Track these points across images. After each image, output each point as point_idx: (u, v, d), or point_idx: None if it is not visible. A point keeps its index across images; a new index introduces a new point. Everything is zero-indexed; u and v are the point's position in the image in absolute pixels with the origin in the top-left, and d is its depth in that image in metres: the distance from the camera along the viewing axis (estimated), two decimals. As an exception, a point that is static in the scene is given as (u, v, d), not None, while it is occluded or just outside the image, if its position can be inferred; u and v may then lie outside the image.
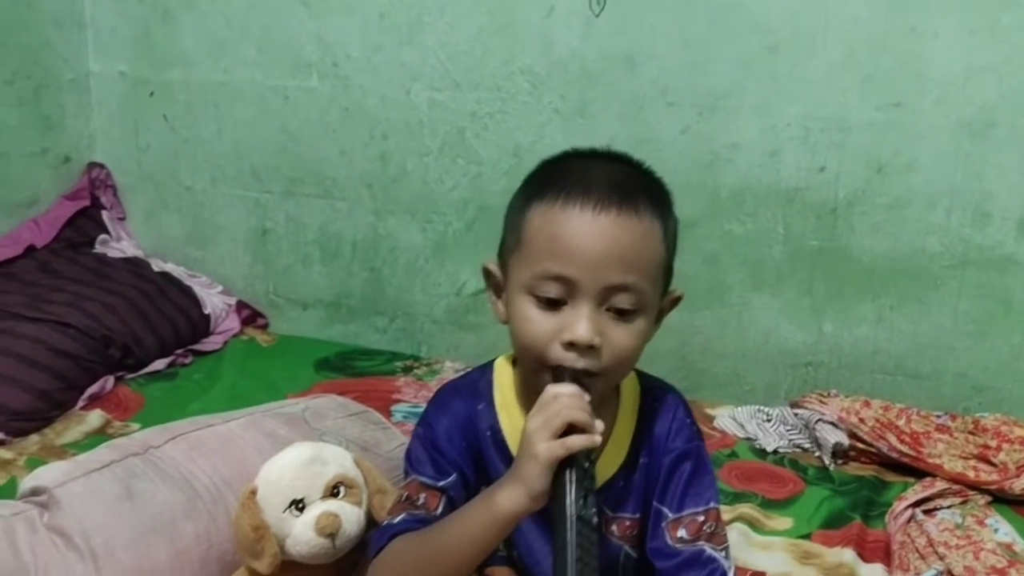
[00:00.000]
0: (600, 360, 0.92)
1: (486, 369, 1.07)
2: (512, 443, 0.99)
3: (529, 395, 0.95)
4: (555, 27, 1.96)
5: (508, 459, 0.97)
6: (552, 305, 0.92)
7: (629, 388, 1.06)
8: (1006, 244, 1.81)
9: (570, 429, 0.87)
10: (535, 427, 0.87)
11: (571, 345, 0.91)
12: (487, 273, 1.02)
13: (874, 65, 1.80)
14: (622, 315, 0.92)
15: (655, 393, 1.06)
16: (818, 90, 1.83)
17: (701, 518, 1.02)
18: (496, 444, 1.02)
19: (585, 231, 0.91)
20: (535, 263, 0.92)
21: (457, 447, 1.00)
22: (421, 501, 0.99)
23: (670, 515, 1.02)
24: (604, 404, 1.02)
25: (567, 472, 0.86)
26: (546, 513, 0.91)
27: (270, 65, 2.17)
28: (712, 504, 1.03)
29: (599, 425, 0.89)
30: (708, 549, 1.01)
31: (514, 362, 1.04)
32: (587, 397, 0.90)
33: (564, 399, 0.88)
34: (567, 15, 1.94)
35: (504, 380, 1.04)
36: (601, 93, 1.96)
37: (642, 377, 1.08)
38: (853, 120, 1.83)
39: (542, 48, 1.97)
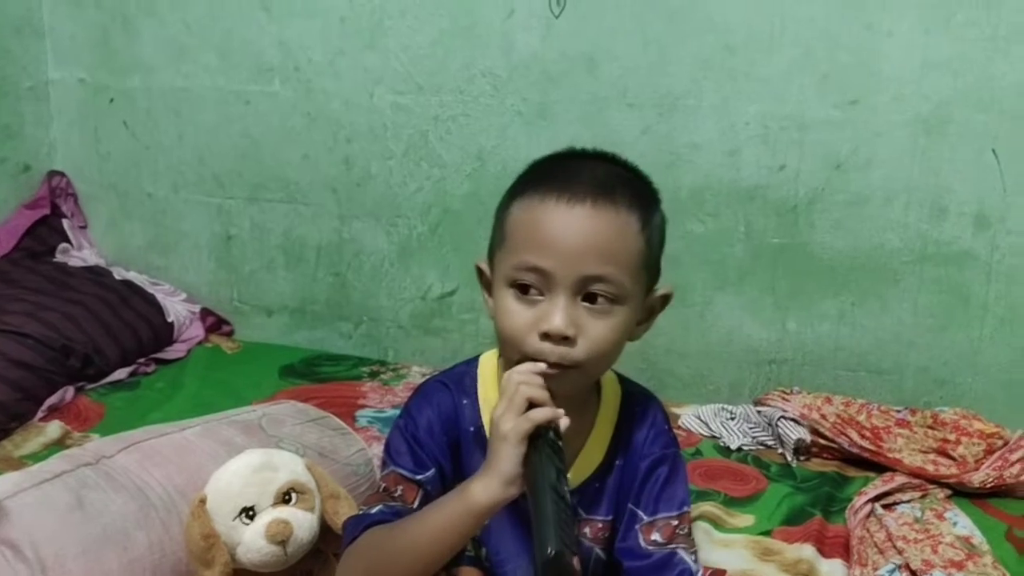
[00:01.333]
0: (576, 351, 0.92)
1: (471, 364, 1.07)
2: None
3: None
4: (516, 29, 1.96)
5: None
6: (530, 297, 0.93)
7: (610, 392, 1.07)
8: (963, 239, 1.82)
9: (532, 408, 0.89)
10: (500, 411, 0.89)
11: (546, 336, 0.92)
12: (479, 271, 1.03)
13: (831, 63, 1.81)
14: (598, 307, 0.93)
15: (635, 399, 1.08)
16: (776, 89, 1.85)
17: (675, 522, 1.04)
18: (477, 440, 1.02)
19: (561, 223, 0.92)
20: (515, 255, 0.94)
21: (438, 441, 1.01)
22: (398, 493, 0.99)
23: (645, 518, 1.04)
24: (584, 407, 1.03)
25: (539, 445, 0.87)
26: (517, 511, 0.92)
27: (231, 70, 2.16)
28: (685, 508, 1.05)
29: (559, 412, 0.90)
30: (680, 552, 1.02)
31: (500, 358, 1.04)
32: (541, 366, 0.91)
33: (520, 377, 0.90)
34: (527, 17, 1.94)
35: (488, 375, 1.05)
36: (562, 95, 1.96)
37: (623, 382, 1.09)
38: (811, 118, 1.84)
39: (503, 50, 1.98)
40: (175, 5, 2.16)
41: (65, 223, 2.30)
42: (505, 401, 0.89)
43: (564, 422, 0.90)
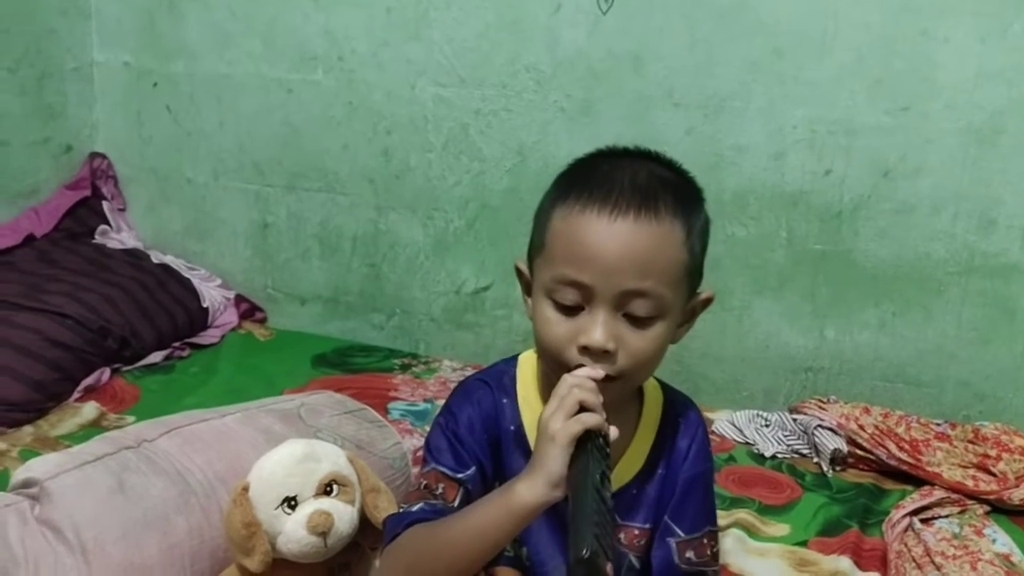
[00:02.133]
0: (616, 364, 0.92)
1: (511, 363, 1.07)
2: (533, 439, 0.98)
3: (551, 391, 0.94)
4: (562, 25, 1.94)
5: (527, 455, 0.96)
6: (570, 309, 0.92)
7: (652, 398, 1.06)
8: (1011, 252, 1.79)
9: (583, 412, 0.88)
10: (550, 412, 0.88)
11: (586, 350, 0.91)
12: (518, 272, 1.03)
13: (883, 68, 1.78)
14: (639, 321, 0.92)
15: (678, 408, 1.07)
16: (825, 93, 1.82)
17: (706, 540, 1.04)
18: (517, 440, 1.02)
19: (601, 237, 0.90)
20: (554, 267, 0.93)
21: (479, 439, 1.01)
22: (439, 491, 0.99)
23: (682, 535, 1.04)
24: (626, 411, 1.02)
25: (586, 447, 0.87)
26: (558, 513, 0.91)
27: (275, 58, 2.16)
28: (715, 527, 1.06)
29: (611, 427, 0.89)
30: (709, 572, 1.03)
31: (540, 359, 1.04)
32: (600, 373, 0.90)
33: (575, 380, 0.89)
34: (574, 13, 1.93)
35: (527, 375, 1.05)
36: (607, 92, 1.94)
37: (666, 389, 1.08)
38: (860, 123, 1.82)
39: (548, 46, 1.96)
40: (221, -9, 2.16)
41: (105, 205, 2.32)
42: (556, 402, 0.89)
43: (614, 432, 0.89)
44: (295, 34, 2.13)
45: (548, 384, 0.98)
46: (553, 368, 0.96)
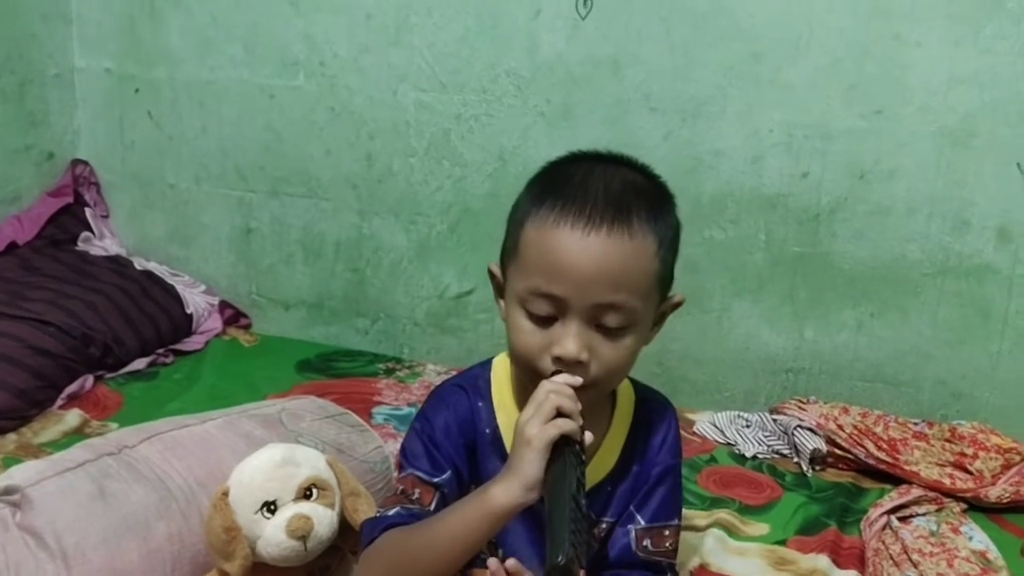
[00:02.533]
0: (589, 374, 0.93)
1: (485, 366, 1.08)
2: (508, 442, 1.00)
3: (524, 394, 0.96)
4: (541, 30, 1.96)
5: (503, 458, 0.97)
6: (544, 320, 0.93)
7: (624, 397, 1.07)
8: (985, 252, 1.82)
9: (560, 418, 0.89)
10: (527, 417, 0.90)
11: (559, 360, 0.93)
12: (491, 274, 1.03)
13: (858, 72, 1.80)
14: (611, 332, 0.93)
15: (650, 405, 1.09)
16: (801, 97, 1.84)
17: (667, 532, 1.06)
18: (493, 443, 1.03)
19: (575, 250, 0.91)
20: (527, 277, 0.94)
21: (454, 443, 1.02)
22: (415, 495, 1.00)
23: (642, 523, 1.04)
24: (599, 411, 1.03)
25: (563, 453, 0.88)
26: (533, 514, 0.92)
27: (256, 63, 2.17)
28: (676, 521, 1.07)
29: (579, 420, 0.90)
30: (664, 563, 1.06)
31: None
32: (578, 380, 0.91)
33: (552, 386, 0.90)
34: (553, 18, 1.94)
35: (502, 378, 1.06)
36: (586, 97, 1.96)
37: (637, 387, 1.09)
38: (836, 127, 1.84)
39: (528, 51, 1.98)
40: (202, -3, 2.17)
41: (87, 212, 2.31)
42: (533, 407, 0.90)
43: (589, 437, 0.90)
44: (276, 40, 2.13)
45: (522, 388, 0.99)
46: (527, 375, 0.97)
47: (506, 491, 0.89)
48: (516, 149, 2.02)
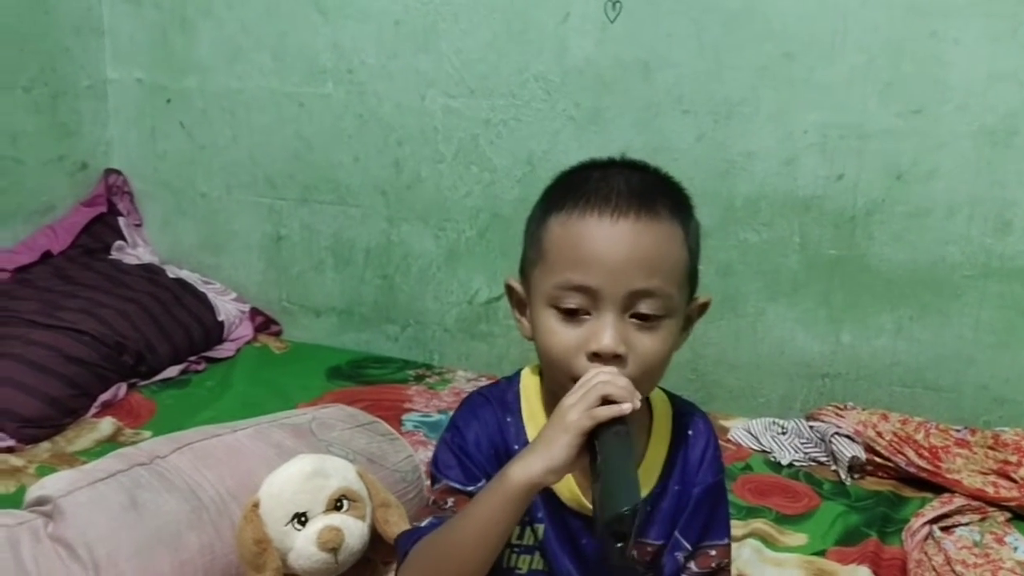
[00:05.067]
0: (627, 370, 0.89)
1: (512, 381, 1.05)
2: None
3: (555, 407, 0.93)
4: (570, 34, 1.94)
5: None
6: (575, 317, 0.90)
7: (661, 412, 1.04)
8: (1028, 254, 1.77)
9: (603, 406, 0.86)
10: (570, 401, 0.86)
11: (596, 356, 0.89)
12: (509, 290, 1.00)
13: (894, 71, 1.77)
14: (647, 322, 0.90)
15: (687, 418, 1.05)
16: (836, 97, 1.81)
17: (712, 552, 1.02)
18: None
19: (604, 238, 0.89)
20: (556, 274, 0.91)
21: (486, 454, 0.99)
22: (449, 505, 0.97)
23: (688, 547, 1.02)
24: (638, 426, 1.00)
25: (607, 433, 0.84)
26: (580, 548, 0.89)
27: (285, 72, 2.18)
28: (725, 540, 1.03)
29: (637, 400, 0.86)
30: None
31: (541, 374, 1.02)
32: (626, 378, 0.88)
33: (602, 375, 0.87)
34: (582, 21, 1.93)
35: (531, 393, 1.03)
36: (616, 100, 1.94)
37: (673, 400, 1.06)
38: (872, 127, 1.80)
39: (557, 55, 1.96)
40: (232, 7, 2.18)
41: (121, 221, 2.34)
42: (579, 393, 0.86)
43: (626, 407, 0.86)
44: (305, 48, 2.14)
45: (552, 401, 0.97)
46: (561, 382, 0.94)
47: (525, 468, 0.85)
48: (546, 154, 2.01)
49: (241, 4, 2.17)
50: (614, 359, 0.89)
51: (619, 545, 0.78)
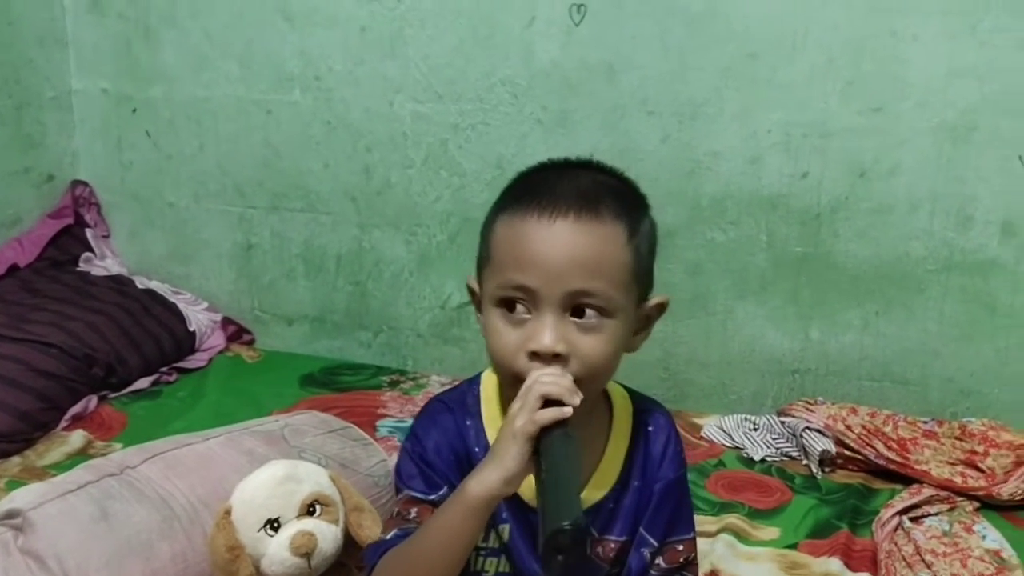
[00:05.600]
0: (570, 370, 0.90)
1: (473, 383, 1.05)
2: None
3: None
4: (536, 38, 1.95)
5: None
6: (518, 317, 0.91)
7: (621, 408, 1.04)
8: (989, 247, 1.80)
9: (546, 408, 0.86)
10: (515, 408, 0.87)
11: (536, 355, 0.89)
12: (470, 290, 1.01)
13: (854, 70, 1.80)
14: (588, 322, 0.90)
15: (647, 415, 1.05)
16: (799, 96, 1.83)
17: (680, 547, 1.03)
18: None
19: (542, 239, 0.89)
20: (500, 274, 0.92)
21: (447, 461, 0.99)
22: (413, 515, 0.97)
23: (655, 544, 1.02)
24: (597, 424, 1.01)
25: (554, 435, 0.85)
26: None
27: (252, 80, 2.17)
28: (691, 534, 1.04)
29: (576, 399, 0.87)
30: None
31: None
32: (568, 377, 0.88)
33: (544, 377, 0.87)
34: (548, 26, 1.94)
35: (490, 394, 1.03)
36: (582, 103, 1.95)
37: (634, 397, 1.07)
38: (834, 125, 1.83)
39: (523, 59, 1.97)
40: (196, 15, 2.17)
41: (88, 232, 2.31)
42: (521, 399, 0.88)
43: (567, 412, 0.86)
44: (271, 55, 2.14)
45: (509, 401, 0.98)
46: (508, 381, 0.94)
47: (481, 482, 0.86)
48: (514, 157, 2.01)
49: (206, 12, 2.16)
50: (555, 359, 0.89)
51: (559, 558, 0.78)
